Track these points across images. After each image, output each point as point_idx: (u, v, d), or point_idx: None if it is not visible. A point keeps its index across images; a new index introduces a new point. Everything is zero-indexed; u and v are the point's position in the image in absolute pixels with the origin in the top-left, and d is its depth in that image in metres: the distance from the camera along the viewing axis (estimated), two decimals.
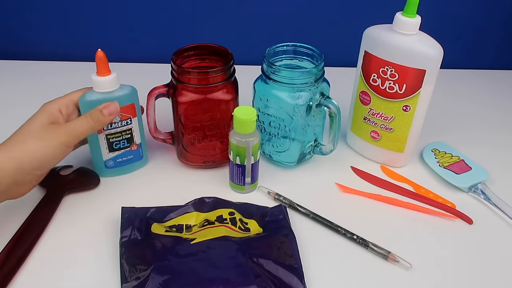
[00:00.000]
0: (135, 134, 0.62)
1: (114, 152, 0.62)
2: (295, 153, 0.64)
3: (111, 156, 0.62)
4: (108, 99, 0.57)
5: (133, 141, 0.62)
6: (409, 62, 0.58)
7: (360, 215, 0.60)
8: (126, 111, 0.59)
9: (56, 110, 0.55)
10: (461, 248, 0.56)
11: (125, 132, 0.61)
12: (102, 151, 0.61)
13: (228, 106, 0.60)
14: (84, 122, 0.55)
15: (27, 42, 0.93)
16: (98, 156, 0.61)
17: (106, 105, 0.56)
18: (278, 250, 0.51)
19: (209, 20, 0.90)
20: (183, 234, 0.52)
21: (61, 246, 0.54)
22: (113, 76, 0.57)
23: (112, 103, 0.56)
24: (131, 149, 0.63)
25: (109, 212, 0.57)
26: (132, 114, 0.60)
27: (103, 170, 0.63)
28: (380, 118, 0.64)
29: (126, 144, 0.62)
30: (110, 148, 0.61)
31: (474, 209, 0.61)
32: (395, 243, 0.55)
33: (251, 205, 0.58)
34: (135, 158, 0.64)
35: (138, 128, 0.62)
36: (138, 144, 0.63)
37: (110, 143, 0.61)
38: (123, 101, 0.58)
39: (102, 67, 0.56)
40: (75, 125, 0.54)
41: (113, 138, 0.60)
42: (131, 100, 0.59)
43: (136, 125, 0.61)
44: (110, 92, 0.57)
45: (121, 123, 0.60)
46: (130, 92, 0.58)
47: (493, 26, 0.91)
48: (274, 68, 0.59)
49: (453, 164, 0.66)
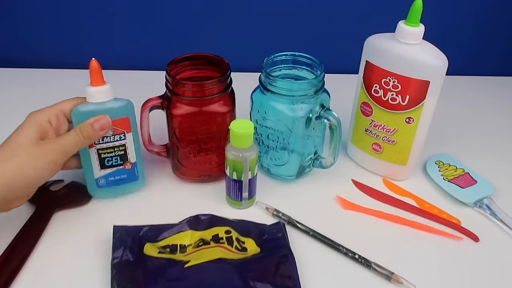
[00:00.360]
0: (129, 151, 0.57)
1: (106, 169, 0.57)
2: (294, 166, 0.62)
3: (103, 174, 0.57)
4: (101, 111, 0.53)
5: (127, 158, 0.57)
6: (413, 72, 0.55)
7: (362, 232, 0.57)
8: (119, 124, 0.55)
9: (45, 121, 0.53)
10: (467, 268, 0.54)
11: (118, 148, 0.56)
12: (94, 168, 0.57)
13: (224, 118, 0.58)
14: (73, 138, 0.52)
15: (18, 49, 0.90)
16: (90, 173, 0.57)
17: (96, 118, 0.52)
18: (276, 272, 0.49)
19: (208, 21, 0.88)
20: (177, 256, 0.50)
21: (51, 266, 0.52)
22: (107, 86, 0.54)
23: (103, 116, 0.53)
24: (125, 168, 0.58)
25: (100, 230, 0.55)
26: (126, 129, 0.56)
27: (95, 189, 0.58)
28: (382, 130, 0.62)
29: (119, 161, 0.57)
30: (101, 165, 0.57)
31: (480, 225, 0.59)
32: (399, 263, 0.52)
33: (249, 223, 0.56)
34: (129, 178, 0.59)
35: (133, 144, 0.57)
36: (132, 163, 0.58)
37: (102, 159, 0.56)
38: (116, 113, 0.54)
39: (95, 77, 0.53)
40: (64, 141, 0.52)
41: (104, 154, 0.56)
42: (126, 114, 0.55)
43: (131, 141, 0.57)
44: (103, 103, 0.53)
45: (113, 138, 0.56)
46: (125, 105, 0.55)
47: (497, 32, 0.89)
48: (272, 79, 0.57)
49: (458, 178, 0.64)
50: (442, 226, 0.59)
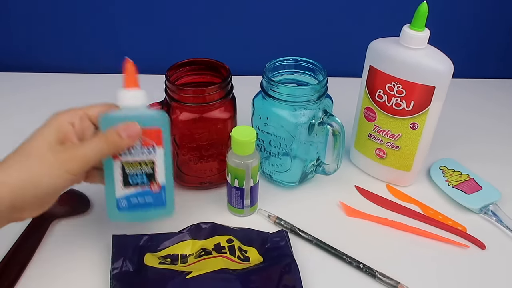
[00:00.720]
0: (158, 170, 0.48)
1: (130, 187, 0.48)
2: (296, 173, 0.61)
3: (125, 194, 0.49)
4: (131, 117, 0.46)
5: (154, 178, 0.49)
6: (417, 78, 0.54)
7: (366, 240, 0.56)
8: (149, 135, 0.47)
9: (67, 122, 0.46)
10: (473, 276, 0.53)
11: (145, 163, 0.48)
12: (116, 184, 0.48)
13: (225, 125, 0.57)
14: (96, 145, 0.45)
15: (15, 53, 0.89)
16: (111, 191, 0.49)
17: (124, 126, 0.45)
18: (279, 282, 0.48)
19: (209, 24, 0.86)
20: (178, 266, 0.49)
21: (48, 277, 0.50)
22: (141, 91, 0.47)
23: (132, 123, 0.45)
24: (151, 189, 0.49)
25: (99, 239, 0.54)
26: (156, 142, 0.47)
27: (115, 211, 0.49)
28: (386, 135, 0.61)
29: (145, 180, 0.49)
30: (125, 182, 0.48)
31: (486, 232, 0.58)
32: (404, 272, 0.51)
33: (251, 231, 0.55)
34: (155, 203, 0.50)
35: (163, 163, 0.48)
36: (160, 185, 0.49)
37: (126, 175, 0.48)
38: (148, 121, 0.46)
39: (129, 79, 0.47)
40: (85, 148, 0.44)
41: (129, 168, 0.48)
42: (158, 124, 0.47)
43: (161, 158, 0.48)
44: (134, 109, 0.46)
45: (141, 150, 0.47)
46: (159, 114, 0.47)
47: (502, 34, 0.88)
48: (274, 85, 0.56)
49: (463, 183, 0.63)
50: (448, 233, 0.58)
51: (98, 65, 0.88)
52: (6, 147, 0.50)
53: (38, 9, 0.83)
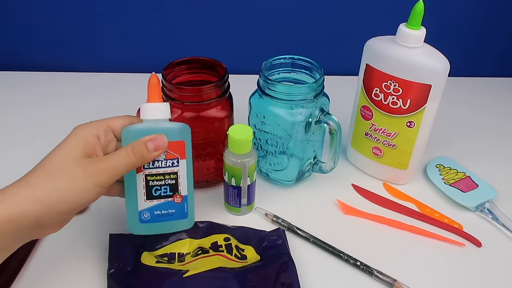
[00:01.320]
0: (181, 181, 0.49)
1: (153, 200, 0.49)
2: (293, 171, 0.61)
3: (148, 206, 0.49)
4: (156, 130, 0.46)
5: (177, 190, 0.49)
6: (414, 76, 0.55)
7: (363, 238, 0.57)
8: (173, 148, 0.48)
9: (94, 136, 0.45)
10: (470, 274, 0.53)
11: (169, 176, 0.49)
12: (139, 197, 0.48)
13: (222, 123, 0.57)
14: (124, 157, 0.44)
15: (14, 53, 0.89)
16: (133, 204, 0.49)
17: (151, 137, 0.45)
18: (276, 280, 0.48)
19: (206, 22, 0.86)
20: (175, 265, 0.49)
21: (45, 276, 0.50)
22: (166, 105, 0.48)
23: (159, 135, 0.46)
24: (174, 201, 0.50)
25: (96, 239, 0.54)
26: (180, 155, 0.48)
27: (136, 224, 0.49)
28: (383, 134, 0.61)
29: (168, 192, 0.49)
30: (148, 195, 0.49)
31: (482, 230, 0.58)
32: (401, 269, 0.52)
33: (248, 229, 0.55)
34: (177, 214, 0.50)
35: (186, 174, 0.49)
36: (183, 196, 0.50)
37: (149, 187, 0.48)
38: (172, 135, 0.47)
39: (153, 93, 0.47)
40: (113, 160, 0.44)
41: (153, 181, 0.48)
42: (182, 137, 0.48)
43: (184, 169, 0.49)
44: (158, 122, 0.47)
45: (165, 163, 0.48)
46: (183, 127, 0.48)
47: (498, 32, 0.89)
48: (271, 83, 0.56)
49: (459, 181, 0.63)
50: (444, 231, 0.58)
51: (96, 63, 0.88)
52: (4, 146, 0.50)
53: (35, 8, 0.83)
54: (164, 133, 0.46)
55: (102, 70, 0.87)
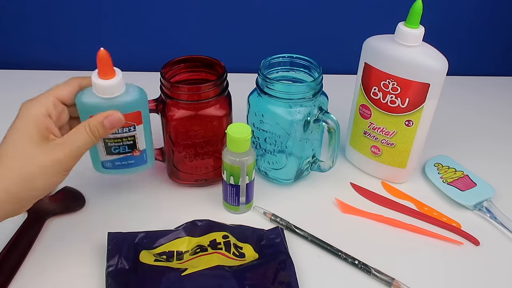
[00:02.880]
0: (138, 141, 0.52)
1: (113, 155, 0.53)
2: (292, 170, 0.61)
3: (109, 159, 0.53)
4: (110, 107, 0.47)
5: (136, 147, 0.53)
6: (412, 75, 0.55)
7: (361, 237, 0.57)
8: (130, 118, 0.50)
9: (44, 116, 0.45)
10: (468, 272, 0.53)
11: (126, 138, 0.52)
12: (99, 153, 0.52)
13: (221, 122, 0.57)
14: (84, 138, 0.45)
15: (9, 50, 0.89)
16: (95, 156, 0.53)
17: (107, 115, 0.46)
18: (275, 278, 0.48)
19: (205, 20, 0.86)
20: (173, 264, 0.49)
21: (43, 275, 0.50)
22: (118, 79, 0.47)
23: (115, 112, 0.47)
24: (133, 155, 0.53)
25: (95, 237, 0.54)
26: (136, 122, 0.51)
27: (100, 169, 0.54)
28: (381, 133, 0.61)
29: (127, 149, 0.53)
30: (108, 151, 0.52)
31: (480, 228, 0.58)
32: (399, 268, 0.52)
33: (246, 228, 0.55)
34: (137, 163, 0.55)
35: (143, 134, 0.52)
36: (141, 151, 0.54)
37: (108, 147, 0.52)
38: (128, 108, 0.49)
39: (104, 68, 0.46)
40: (75, 142, 0.45)
41: (111, 143, 0.51)
42: (138, 107, 0.50)
43: (141, 131, 0.52)
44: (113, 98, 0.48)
45: (122, 130, 0.51)
46: (137, 98, 0.49)
47: (496, 31, 0.89)
48: (269, 82, 0.55)
49: (457, 180, 0.63)
50: (442, 230, 0.58)
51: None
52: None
53: (34, 7, 0.83)
54: (120, 108, 0.48)
55: None
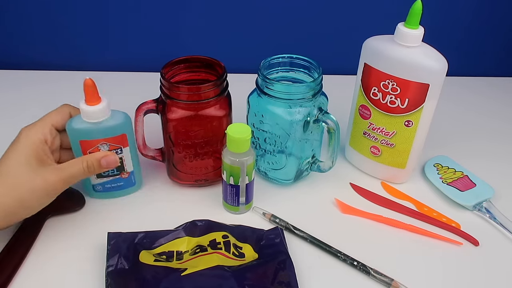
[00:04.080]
0: (126, 163, 0.57)
1: (102, 178, 0.58)
2: (291, 170, 0.61)
3: (100, 182, 0.58)
4: (97, 130, 0.53)
5: (124, 169, 0.58)
6: (412, 75, 0.55)
7: (361, 237, 0.57)
8: (116, 141, 0.54)
9: (42, 142, 0.51)
10: (467, 273, 0.53)
11: None
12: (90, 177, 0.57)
13: (221, 122, 0.57)
14: (79, 170, 0.51)
15: (9, 50, 0.89)
16: (87, 181, 0.58)
17: (105, 155, 0.52)
18: (274, 278, 0.48)
19: (205, 21, 0.86)
20: (173, 264, 0.49)
21: (43, 275, 0.50)
22: (104, 104, 0.52)
23: (112, 154, 0.53)
24: (122, 177, 0.58)
25: (94, 237, 0.54)
26: (122, 145, 0.55)
27: (91, 192, 0.59)
28: (381, 133, 0.61)
29: (115, 171, 0.58)
30: (98, 175, 0.57)
31: (480, 229, 0.58)
32: (398, 269, 0.52)
33: (246, 228, 0.55)
34: (126, 185, 0.59)
35: (130, 156, 0.57)
36: (129, 172, 0.58)
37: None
38: (113, 131, 0.54)
39: (90, 95, 0.51)
40: (70, 171, 0.50)
41: None
42: (123, 131, 0.54)
43: (128, 154, 0.56)
44: (98, 123, 0.52)
45: None
46: (122, 122, 0.54)
47: (494, 32, 0.89)
48: (269, 82, 0.56)
49: (457, 180, 0.63)
50: (442, 230, 0.58)
51: (95, 62, 0.88)
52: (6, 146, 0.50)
53: (33, 6, 0.83)
54: (106, 131, 0.53)
55: (101, 69, 0.87)
